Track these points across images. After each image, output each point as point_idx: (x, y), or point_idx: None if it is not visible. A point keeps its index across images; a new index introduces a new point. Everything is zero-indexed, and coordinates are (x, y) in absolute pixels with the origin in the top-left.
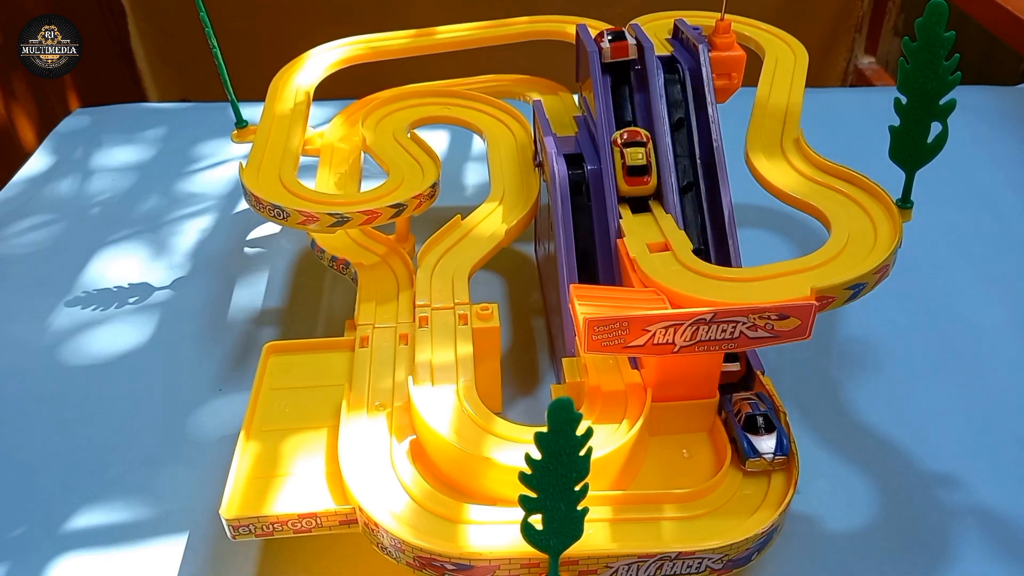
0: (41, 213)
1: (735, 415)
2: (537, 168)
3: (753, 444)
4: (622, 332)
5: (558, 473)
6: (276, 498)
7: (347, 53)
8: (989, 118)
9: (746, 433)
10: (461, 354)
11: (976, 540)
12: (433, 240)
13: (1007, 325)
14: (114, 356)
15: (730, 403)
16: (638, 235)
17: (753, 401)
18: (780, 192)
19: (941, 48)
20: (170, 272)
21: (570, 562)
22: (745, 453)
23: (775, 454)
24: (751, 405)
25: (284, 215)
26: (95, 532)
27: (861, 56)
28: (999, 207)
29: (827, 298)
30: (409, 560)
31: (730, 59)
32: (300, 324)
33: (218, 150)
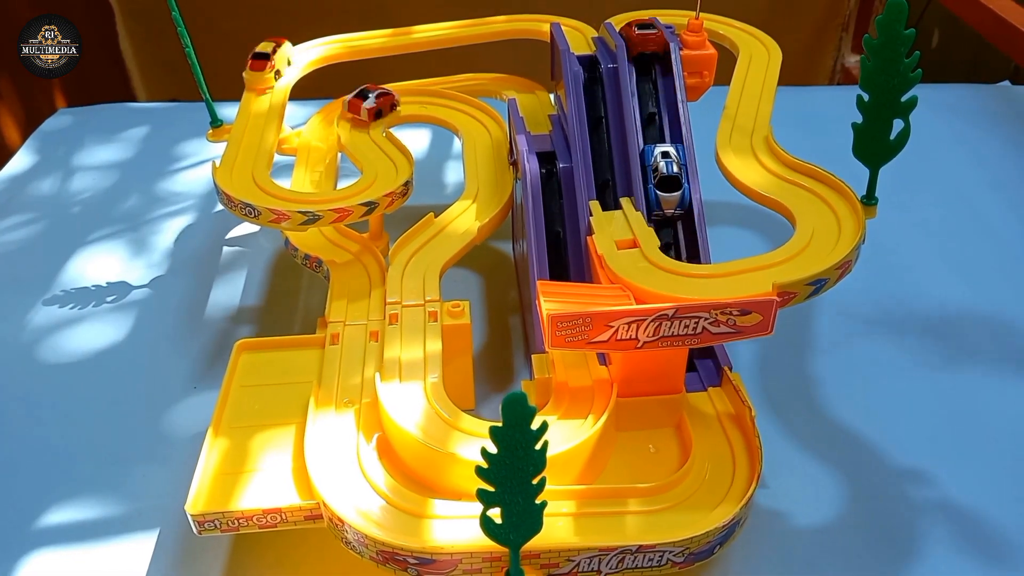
0: (22, 212)
1: (653, 171)
2: (512, 166)
3: (660, 198)
4: (585, 328)
5: (514, 467)
6: (242, 494)
7: (324, 52)
8: (971, 116)
9: (656, 189)
10: (430, 351)
11: (943, 535)
12: (405, 238)
13: (980, 322)
14: (91, 354)
15: (650, 155)
16: (607, 232)
17: (669, 160)
18: (748, 189)
19: (902, 45)
20: (148, 271)
21: (531, 555)
22: (652, 205)
23: (677, 208)
24: (666, 165)
25: (255, 213)
26: (67, 529)
27: (848, 55)
28: (977, 205)
29: (789, 294)
30: (372, 555)
31: (702, 57)
32: (277, 322)
33: (199, 149)
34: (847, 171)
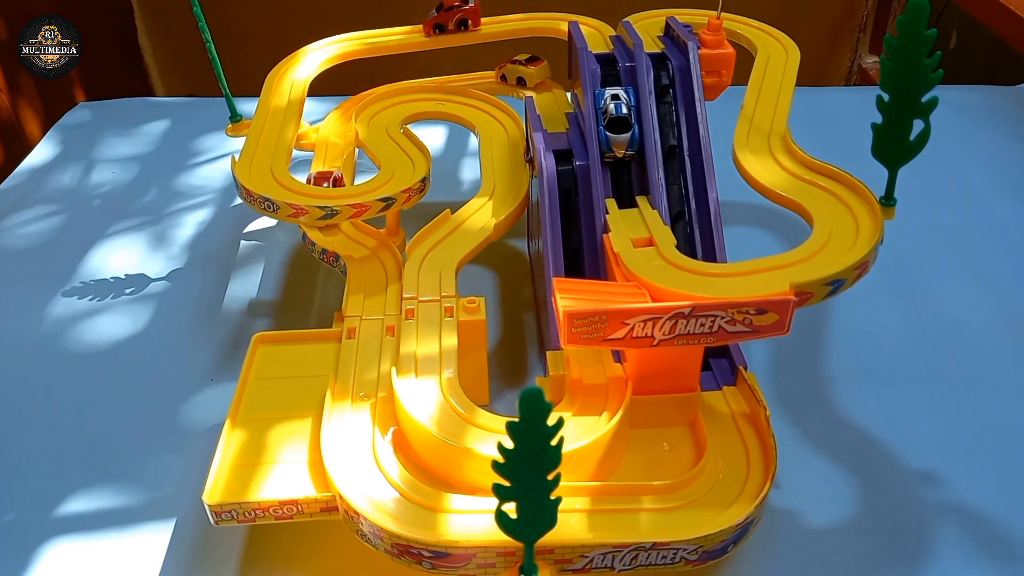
0: (42, 204)
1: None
2: (528, 164)
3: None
4: (601, 325)
5: (530, 462)
6: (258, 485)
7: (342, 49)
8: (984, 119)
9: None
10: (445, 346)
11: (955, 538)
12: (422, 234)
13: (994, 325)
14: (109, 346)
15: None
16: (623, 230)
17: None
18: (765, 189)
19: (923, 45)
20: (167, 264)
21: (545, 550)
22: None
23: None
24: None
25: (274, 207)
26: (85, 518)
27: (865, 56)
28: (990, 207)
29: (806, 294)
30: (387, 547)
31: (720, 56)
32: (293, 316)
33: (218, 144)
34: (863, 171)
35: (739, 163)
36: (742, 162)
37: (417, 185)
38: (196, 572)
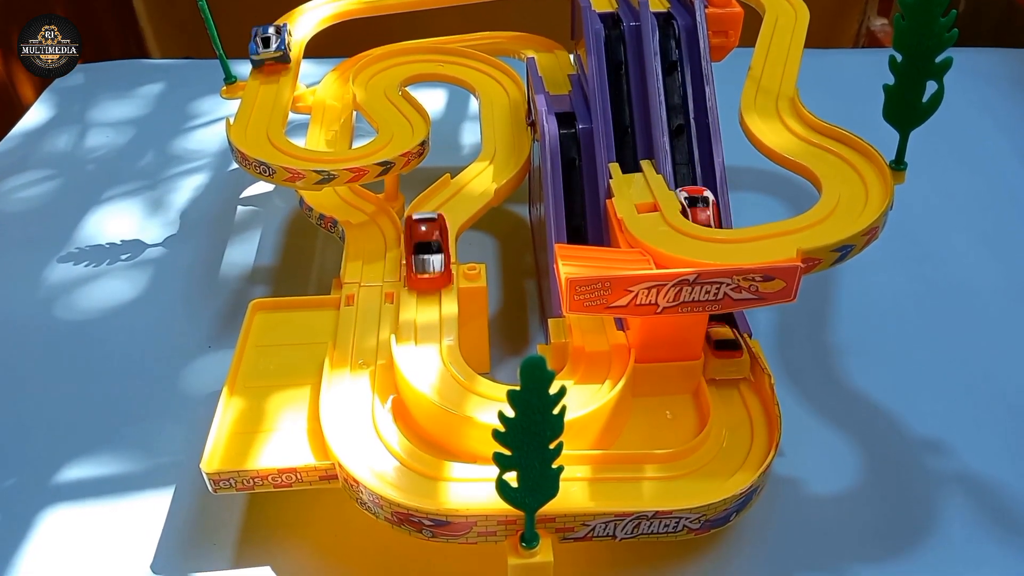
0: (36, 169)
1: None
2: (530, 127)
3: None
4: (604, 292)
5: (531, 431)
6: (257, 453)
7: (340, 8)
8: (996, 82)
9: None
10: (446, 313)
11: (961, 505)
12: (421, 199)
13: (1004, 293)
14: (106, 312)
15: None
16: (627, 195)
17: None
18: (773, 153)
19: (937, 5)
20: (163, 229)
21: (547, 519)
22: None
23: None
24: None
25: (270, 172)
26: (84, 484)
27: (874, 18)
28: (1002, 172)
29: (813, 260)
30: (387, 515)
31: (727, 15)
32: (291, 282)
33: (215, 107)
34: (871, 135)
35: (746, 126)
36: (749, 125)
37: (416, 149)
38: (195, 539)
